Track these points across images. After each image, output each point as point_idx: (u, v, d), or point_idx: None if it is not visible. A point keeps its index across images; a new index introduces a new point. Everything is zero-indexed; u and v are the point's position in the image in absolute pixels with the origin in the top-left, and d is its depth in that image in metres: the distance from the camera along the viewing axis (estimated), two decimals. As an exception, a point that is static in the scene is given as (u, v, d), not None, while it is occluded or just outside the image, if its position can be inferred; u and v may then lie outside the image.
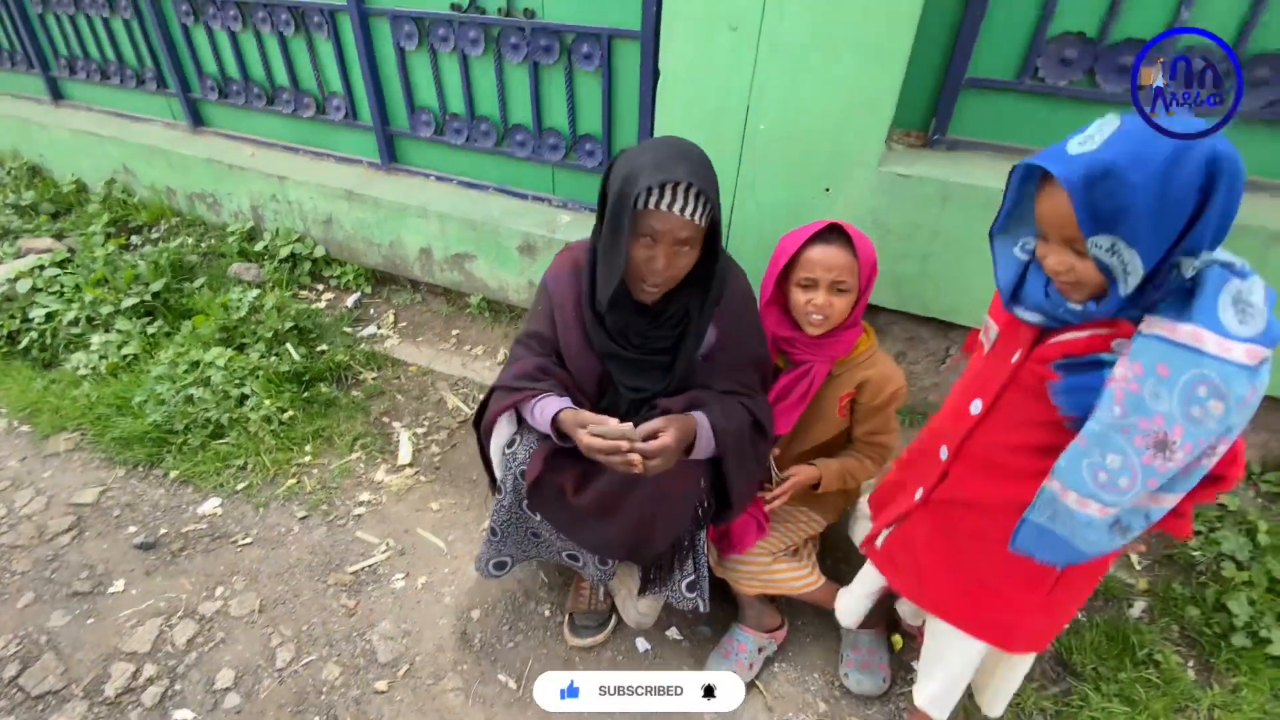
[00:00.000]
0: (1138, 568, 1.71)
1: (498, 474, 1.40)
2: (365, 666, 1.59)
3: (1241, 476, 0.87)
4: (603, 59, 2.03)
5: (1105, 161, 0.74)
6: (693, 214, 1.12)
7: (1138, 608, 1.64)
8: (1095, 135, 0.78)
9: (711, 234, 1.19)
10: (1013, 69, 1.66)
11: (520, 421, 1.36)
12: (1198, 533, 1.71)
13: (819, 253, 1.28)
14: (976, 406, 1.05)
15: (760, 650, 1.56)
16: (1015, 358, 0.99)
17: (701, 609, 1.43)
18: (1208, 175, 0.73)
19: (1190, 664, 1.53)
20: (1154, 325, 0.78)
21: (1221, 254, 0.80)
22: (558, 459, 1.28)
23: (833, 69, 1.57)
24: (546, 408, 1.25)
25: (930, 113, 1.78)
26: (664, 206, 1.11)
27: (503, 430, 1.35)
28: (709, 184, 1.14)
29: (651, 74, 1.92)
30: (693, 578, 1.42)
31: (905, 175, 1.67)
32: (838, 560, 1.79)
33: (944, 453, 1.12)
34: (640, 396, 1.32)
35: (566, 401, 1.27)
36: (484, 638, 1.64)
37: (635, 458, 1.14)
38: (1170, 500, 0.86)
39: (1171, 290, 0.79)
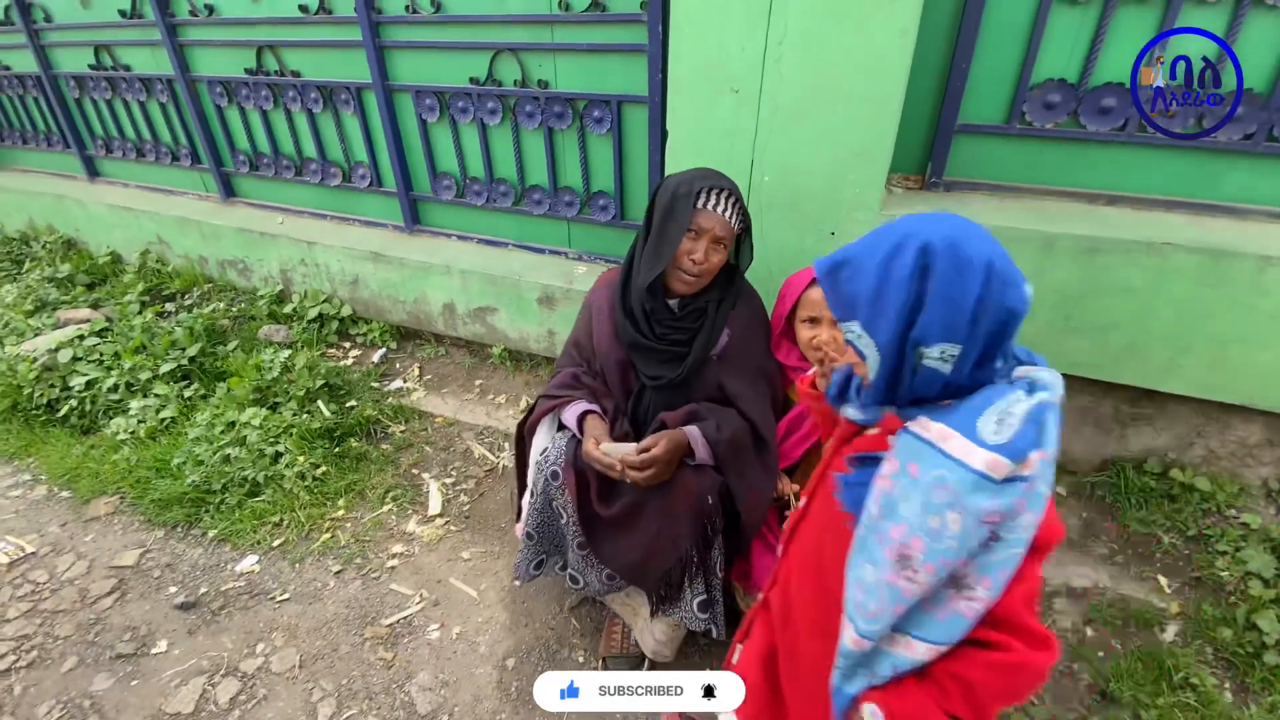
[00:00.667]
0: (1168, 591, 1.72)
1: (530, 477, 1.57)
2: (405, 719, 1.61)
3: (1042, 669, 0.72)
4: (613, 123, 2.16)
5: (846, 250, 0.76)
6: (729, 216, 1.39)
7: (1170, 631, 1.64)
8: None
9: (737, 242, 1.46)
10: (1001, 114, 1.77)
11: (560, 428, 1.56)
12: (1224, 553, 1.72)
13: (818, 292, 1.37)
14: (801, 500, 0.98)
15: None
16: (830, 450, 0.94)
17: (715, 634, 1.48)
18: (919, 266, 0.70)
19: (1226, 685, 1.53)
20: (916, 422, 0.73)
21: (1035, 370, 0.75)
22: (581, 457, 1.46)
23: (830, 123, 1.68)
24: (576, 408, 1.49)
25: (926, 157, 1.88)
26: (709, 207, 1.37)
27: (542, 436, 1.57)
28: (741, 198, 1.44)
29: (660, 134, 2.04)
30: (704, 597, 1.46)
31: (906, 218, 1.75)
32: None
33: (779, 550, 1.02)
34: (658, 384, 1.49)
35: (595, 406, 1.49)
36: (520, 686, 1.66)
37: (631, 474, 1.33)
38: (921, 650, 0.74)
39: (955, 391, 0.74)
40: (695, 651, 1.70)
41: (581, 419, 1.47)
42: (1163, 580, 1.74)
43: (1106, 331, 1.71)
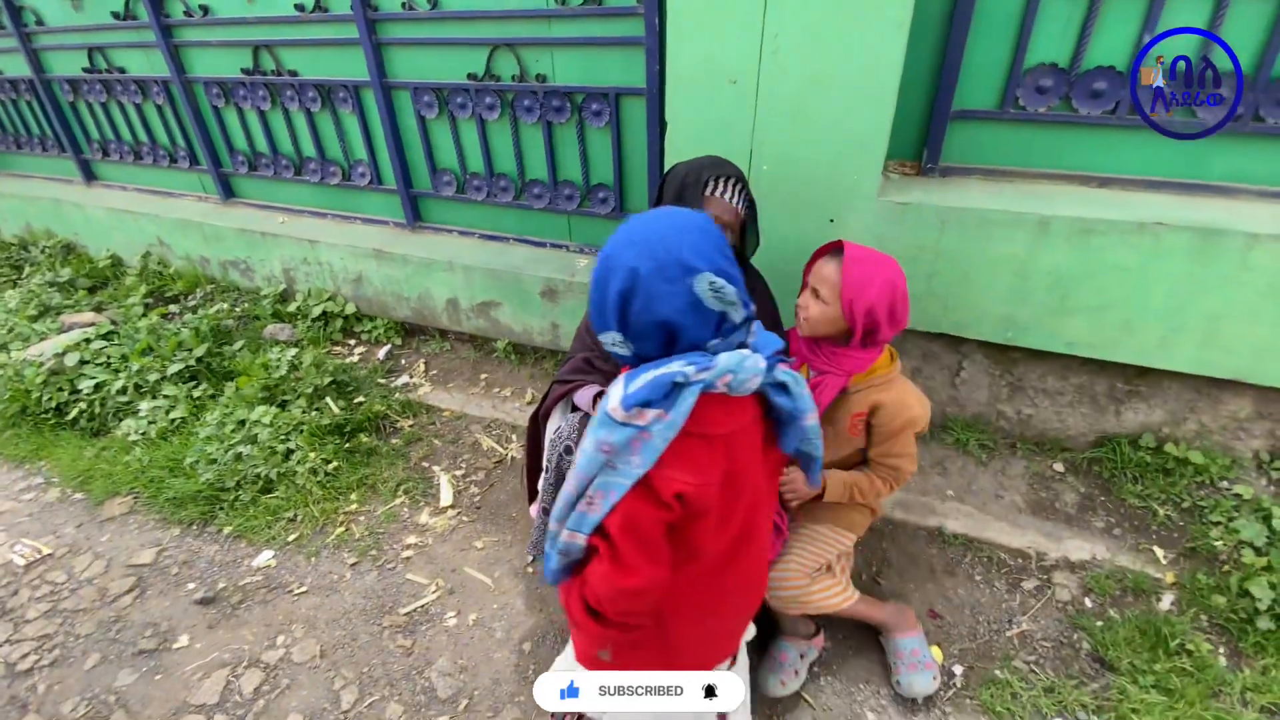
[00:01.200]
0: (1164, 561, 1.77)
1: (545, 454, 1.61)
2: (426, 704, 1.65)
3: (620, 585, 0.90)
4: (612, 115, 2.18)
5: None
6: (736, 203, 1.43)
7: (1166, 600, 1.69)
8: None
9: (742, 228, 1.51)
10: (995, 99, 1.80)
11: (573, 409, 1.60)
12: (1217, 524, 1.77)
13: (819, 263, 1.43)
14: None
15: (803, 657, 1.62)
16: None
17: None
18: (598, 274, 0.86)
19: (1221, 650, 1.58)
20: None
21: (726, 355, 0.85)
22: None
23: (828, 112, 1.71)
24: (589, 390, 1.54)
25: (922, 143, 1.91)
26: (718, 194, 1.41)
27: (555, 419, 1.61)
28: (747, 183, 1.47)
29: (658, 126, 2.07)
30: None
31: (903, 203, 1.79)
32: (873, 577, 1.86)
33: None
34: None
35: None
36: (537, 669, 1.70)
37: None
38: (565, 535, 0.91)
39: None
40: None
41: (595, 400, 1.51)
42: (1158, 551, 1.79)
43: (1102, 311, 1.75)
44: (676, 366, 0.80)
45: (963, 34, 1.71)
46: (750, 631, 1.33)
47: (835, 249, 1.40)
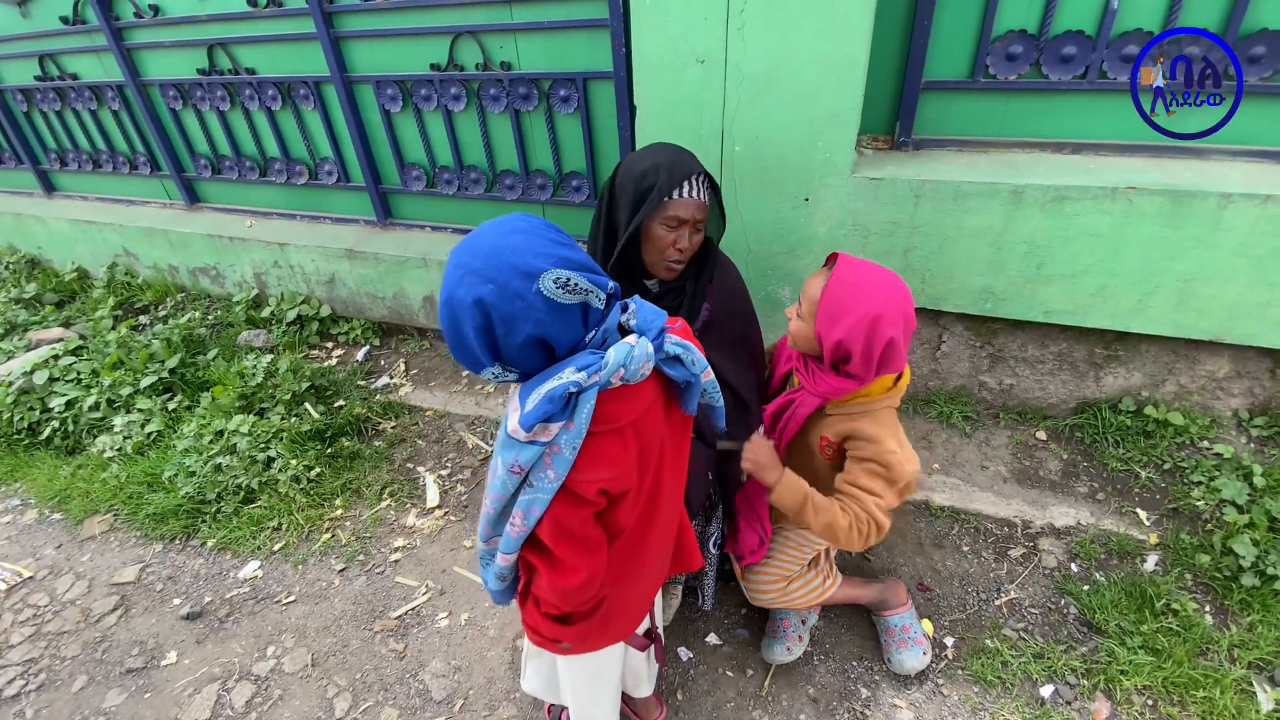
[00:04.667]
0: (1147, 523, 1.79)
1: None
2: (421, 706, 1.64)
3: (562, 586, 0.90)
4: (580, 101, 2.14)
5: None
6: (702, 196, 1.34)
7: (1151, 561, 1.71)
8: None
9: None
10: (965, 69, 1.78)
11: None
12: (1198, 483, 1.79)
13: (811, 276, 1.29)
14: None
15: (804, 622, 1.63)
16: None
17: (704, 604, 1.56)
18: (446, 320, 0.82)
19: (1207, 609, 1.61)
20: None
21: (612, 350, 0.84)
22: None
23: (798, 89, 1.68)
24: None
25: (894, 117, 1.89)
26: (685, 194, 1.32)
27: None
28: (704, 169, 1.36)
29: (628, 110, 2.03)
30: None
31: (877, 178, 1.77)
32: (862, 554, 1.86)
33: None
34: None
35: None
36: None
37: None
38: (500, 558, 0.92)
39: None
40: (682, 620, 1.75)
41: None
42: (1141, 513, 1.81)
43: (1077, 277, 1.75)
44: (568, 375, 0.78)
45: (930, 3, 1.68)
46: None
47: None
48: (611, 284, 0.84)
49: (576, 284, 0.78)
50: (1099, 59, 1.65)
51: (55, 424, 2.60)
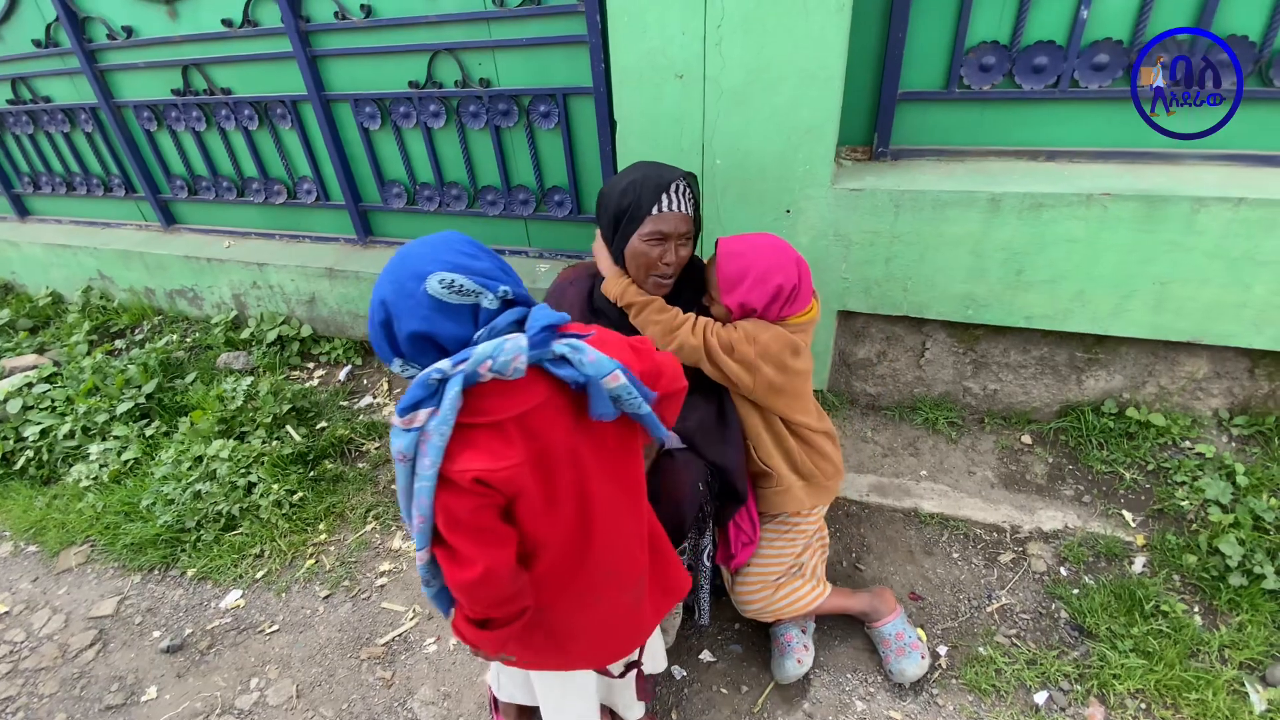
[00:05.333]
0: (1133, 525, 1.80)
1: None
2: (410, 735, 1.61)
3: (459, 581, 0.92)
4: (560, 116, 2.14)
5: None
6: (686, 209, 1.35)
7: (1139, 563, 1.72)
8: None
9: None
10: (940, 80, 1.80)
11: None
12: (1182, 483, 1.81)
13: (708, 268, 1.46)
14: None
15: (804, 631, 1.62)
16: None
17: (701, 620, 1.53)
18: (385, 312, 0.88)
19: (1196, 609, 1.61)
20: None
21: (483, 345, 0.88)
22: None
23: (776, 102, 1.69)
24: None
25: (872, 128, 1.91)
26: (668, 208, 1.32)
27: None
28: (687, 182, 1.37)
29: (608, 125, 2.03)
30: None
31: (857, 189, 1.78)
32: (853, 563, 1.86)
33: None
34: None
35: None
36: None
37: None
38: (418, 554, 0.94)
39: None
40: (689, 633, 1.73)
41: None
42: (1127, 515, 1.82)
43: (1056, 283, 1.77)
44: (446, 363, 0.84)
45: (904, 15, 1.70)
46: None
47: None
48: (503, 288, 0.88)
49: (462, 285, 0.85)
50: (1070, 68, 1.67)
51: (30, 453, 2.54)
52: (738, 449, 1.44)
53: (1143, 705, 1.46)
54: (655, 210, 1.31)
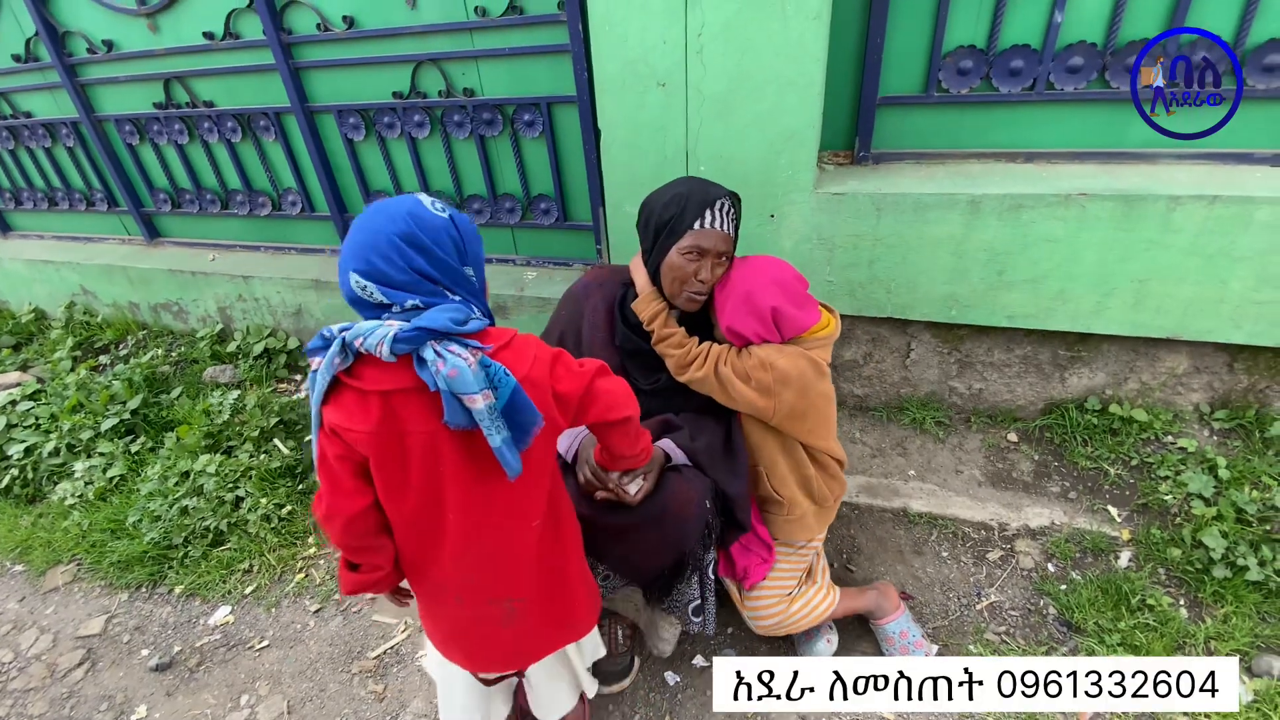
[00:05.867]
0: (1118, 520, 1.82)
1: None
2: (403, 748, 1.60)
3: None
4: (545, 125, 2.14)
5: None
6: (728, 229, 1.34)
7: (1124, 558, 1.74)
8: None
9: None
10: (919, 84, 1.82)
11: None
12: (1165, 478, 1.83)
13: None
14: None
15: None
16: None
17: (708, 631, 1.51)
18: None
19: (1181, 602, 1.63)
20: None
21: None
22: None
23: (758, 109, 1.71)
24: (572, 430, 1.44)
25: (853, 133, 1.92)
26: (708, 225, 1.31)
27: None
28: (731, 201, 1.36)
29: (593, 133, 2.04)
30: (698, 602, 1.48)
31: (839, 194, 1.80)
32: (844, 565, 1.87)
33: None
34: (655, 387, 1.48)
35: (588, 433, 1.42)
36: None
37: (624, 497, 1.30)
38: None
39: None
40: (683, 639, 1.74)
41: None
42: (1113, 510, 1.84)
43: (1037, 282, 1.79)
44: (334, 325, 0.94)
45: (882, 21, 1.72)
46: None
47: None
48: (411, 301, 0.94)
49: (372, 293, 0.93)
50: (1045, 71, 1.70)
51: (14, 472, 2.51)
52: (743, 480, 1.43)
53: (1131, 699, 1.48)
54: (697, 225, 1.31)
